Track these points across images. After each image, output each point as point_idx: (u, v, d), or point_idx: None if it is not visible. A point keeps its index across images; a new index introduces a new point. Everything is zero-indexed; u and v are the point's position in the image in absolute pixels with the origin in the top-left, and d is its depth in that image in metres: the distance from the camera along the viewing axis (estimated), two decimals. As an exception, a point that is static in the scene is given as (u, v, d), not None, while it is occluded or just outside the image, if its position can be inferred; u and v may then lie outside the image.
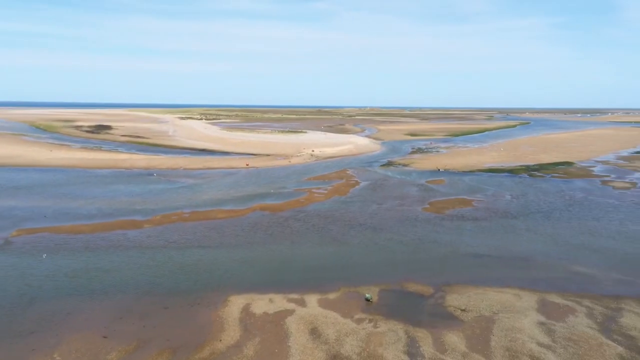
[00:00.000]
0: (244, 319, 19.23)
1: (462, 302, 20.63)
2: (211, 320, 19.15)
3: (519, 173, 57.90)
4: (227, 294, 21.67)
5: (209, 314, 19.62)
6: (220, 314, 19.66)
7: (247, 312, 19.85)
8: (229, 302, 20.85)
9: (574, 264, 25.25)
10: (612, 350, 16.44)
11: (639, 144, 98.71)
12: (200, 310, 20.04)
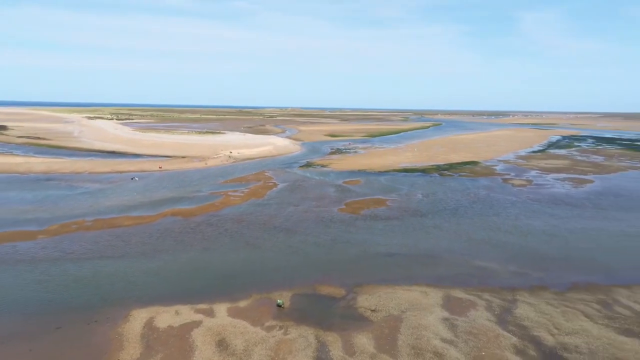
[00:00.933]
0: (147, 334, 17.98)
1: (373, 302, 20.91)
2: (109, 338, 17.69)
3: (431, 172, 60.57)
4: (129, 308, 20.19)
5: (107, 332, 18.11)
6: (120, 331, 18.23)
7: (151, 326, 18.60)
8: (131, 317, 19.43)
9: (476, 259, 26.67)
10: (507, 341, 17.41)
11: (535, 144, 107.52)
12: (97, 328, 18.45)
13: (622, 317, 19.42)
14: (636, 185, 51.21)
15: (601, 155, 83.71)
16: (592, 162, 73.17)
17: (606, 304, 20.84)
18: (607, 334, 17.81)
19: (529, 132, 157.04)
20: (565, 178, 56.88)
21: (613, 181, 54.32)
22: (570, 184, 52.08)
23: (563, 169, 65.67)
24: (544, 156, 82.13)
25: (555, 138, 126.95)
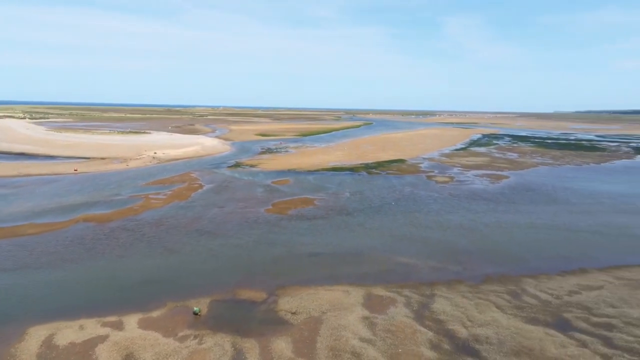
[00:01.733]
0: (44, 353, 16.36)
1: (294, 304, 20.50)
2: (-2, 361, 15.91)
3: (359, 171, 61.39)
4: (25, 325, 18.33)
5: (-4, 354, 16.29)
6: (13, 352, 16.45)
7: (49, 344, 16.96)
8: (27, 335, 17.62)
9: (398, 255, 27.12)
10: (424, 336, 17.68)
11: (458, 142, 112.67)
12: (-15, 350, 16.54)
13: (529, 306, 20.42)
14: (545, 180, 54.89)
15: (516, 153, 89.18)
16: (508, 159, 77.73)
17: (515, 294, 21.85)
18: (515, 324, 18.62)
19: (453, 130, 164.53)
20: (484, 174, 59.87)
21: (526, 177, 57.90)
22: (488, 180, 54.85)
23: (482, 165, 69.18)
24: (466, 154, 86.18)
25: (477, 136, 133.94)
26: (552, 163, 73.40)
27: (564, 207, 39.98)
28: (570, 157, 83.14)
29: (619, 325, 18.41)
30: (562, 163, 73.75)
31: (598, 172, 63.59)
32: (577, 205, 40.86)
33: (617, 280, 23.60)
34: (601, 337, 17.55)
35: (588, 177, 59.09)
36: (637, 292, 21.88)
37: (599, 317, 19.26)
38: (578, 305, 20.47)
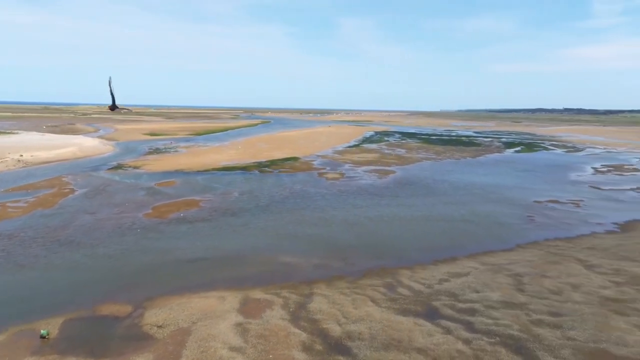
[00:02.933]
0: None
1: (161, 317, 18.87)
2: None
3: (252, 170, 60.15)
4: None
5: None
6: None
7: None
8: None
9: (281, 255, 26.51)
10: (297, 338, 17.16)
11: (352, 139, 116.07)
12: None
13: (402, 297, 20.90)
14: (427, 174, 58.18)
15: (404, 149, 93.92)
16: (396, 155, 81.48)
17: (391, 286, 22.30)
18: (388, 316, 18.86)
19: (348, 128, 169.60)
20: (373, 170, 61.93)
21: (410, 171, 60.93)
22: (376, 175, 56.75)
23: (372, 161, 71.65)
24: (358, 150, 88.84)
25: (370, 134, 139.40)
26: (435, 158, 78.30)
27: (440, 199, 42.49)
28: (451, 152, 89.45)
29: (481, 309, 19.45)
30: (443, 157, 78.98)
31: (473, 165, 69.05)
32: (452, 197, 43.68)
33: (482, 265, 25.20)
34: (464, 322, 18.37)
35: (464, 170, 63.84)
36: (498, 275, 23.48)
37: (463, 302, 20.22)
38: (446, 292, 21.39)
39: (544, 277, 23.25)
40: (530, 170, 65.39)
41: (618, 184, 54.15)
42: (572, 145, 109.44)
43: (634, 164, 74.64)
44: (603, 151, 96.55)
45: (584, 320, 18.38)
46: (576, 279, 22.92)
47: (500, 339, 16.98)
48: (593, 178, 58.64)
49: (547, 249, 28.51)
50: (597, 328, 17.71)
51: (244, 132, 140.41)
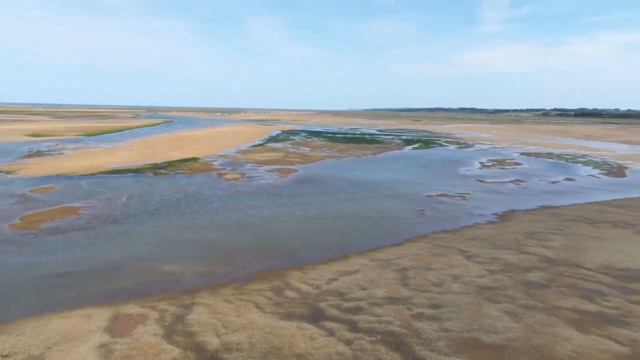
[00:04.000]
0: None
1: (10, 344, 16.32)
2: None
3: (145, 172, 56.39)
4: None
5: None
6: None
7: None
8: None
9: (164, 263, 24.62)
10: (168, 355, 15.69)
11: (257, 138, 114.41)
12: None
13: (288, 301, 20.19)
14: (328, 172, 58.61)
15: (309, 147, 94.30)
16: (300, 153, 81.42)
17: (279, 290, 21.51)
18: (271, 322, 18.01)
19: (255, 127, 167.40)
20: (275, 169, 61.09)
21: (312, 170, 60.97)
22: (278, 175, 55.96)
23: (275, 160, 70.80)
24: (262, 150, 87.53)
25: (276, 133, 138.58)
26: (338, 156, 79.42)
27: (338, 196, 42.76)
28: (353, 149, 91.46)
29: (365, 307, 19.33)
30: (346, 155, 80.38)
31: (373, 163, 71.00)
32: (350, 194, 44.19)
33: (372, 262, 25.35)
34: (348, 322, 18.08)
35: (364, 167, 65.34)
36: (385, 271, 23.69)
37: (350, 301, 20.00)
38: (334, 292, 21.06)
39: (428, 270, 23.91)
40: (425, 165, 68.72)
41: (500, 177, 58.64)
42: (463, 142, 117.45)
43: (514, 158, 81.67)
44: (490, 147, 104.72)
45: (461, 310, 18.97)
46: (457, 270, 23.84)
47: (381, 337, 16.89)
48: (479, 172, 62.98)
49: (434, 241, 29.57)
50: (471, 317, 18.34)
51: (144, 132, 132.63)
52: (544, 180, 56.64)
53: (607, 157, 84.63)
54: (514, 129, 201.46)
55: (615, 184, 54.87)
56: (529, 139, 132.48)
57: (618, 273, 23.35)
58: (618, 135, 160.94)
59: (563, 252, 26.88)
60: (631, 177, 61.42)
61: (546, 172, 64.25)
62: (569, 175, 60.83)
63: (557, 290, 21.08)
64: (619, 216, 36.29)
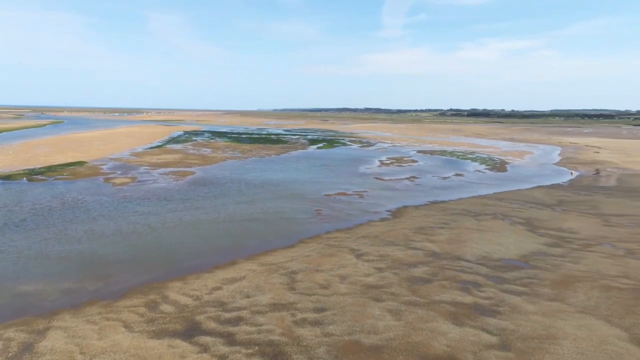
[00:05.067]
0: None
1: None
2: None
3: (18, 179, 50.36)
4: None
5: None
6: None
7: None
8: None
9: (19, 283, 21.51)
10: (4, 395, 13.30)
11: (156, 139, 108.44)
12: None
13: (162, 316, 18.45)
14: (227, 174, 56.67)
15: (211, 148, 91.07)
16: (200, 155, 78.20)
17: (154, 304, 19.65)
18: (138, 343, 16.21)
19: (155, 128, 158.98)
20: (171, 172, 57.79)
21: (211, 171, 58.58)
22: (173, 178, 52.92)
23: (173, 163, 67.16)
24: (160, 151, 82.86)
25: (178, 133, 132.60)
26: (240, 156, 77.47)
27: (234, 199, 41.19)
28: (257, 150, 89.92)
29: (247, 317, 18.21)
30: (248, 156, 78.66)
31: (275, 163, 70.13)
32: (247, 195, 42.82)
33: (261, 266, 24.30)
34: (225, 334, 16.84)
35: (266, 167, 64.22)
36: (274, 276, 22.77)
37: (231, 311, 18.76)
38: (215, 303, 19.68)
39: (317, 272, 23.39)
40: (327, 165, 69.28)
41: (397, 174, 60.72)
42: (366, 141, 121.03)
43: (412, 156, 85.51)
44: (390, 145, 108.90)
45: (344, 312, 18.58)
46: (345, 270, 23.59)
47: (259, 348, 15.87)
48: (378, 170, 64.80)
49: (326, 241, 29.26)
50: (354, 319, 17.99)
51: (26, 133, 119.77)
52: (436, 176, 59.58)
53: (492, 154, 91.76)
54: (414, 128, 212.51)
55: (498, 178, 59.32)
56: (427, 138, 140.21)
57: (494, 263, 24.60)
58: (502, 133, 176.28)
59: (447, 245, 27.89)
60: (511, 171, 66.93)
61: (439, 168, 67.83)
62: (458, 171, 64.69)
63: (439, 284, 21.57)
64: (498, 208, 38.87)
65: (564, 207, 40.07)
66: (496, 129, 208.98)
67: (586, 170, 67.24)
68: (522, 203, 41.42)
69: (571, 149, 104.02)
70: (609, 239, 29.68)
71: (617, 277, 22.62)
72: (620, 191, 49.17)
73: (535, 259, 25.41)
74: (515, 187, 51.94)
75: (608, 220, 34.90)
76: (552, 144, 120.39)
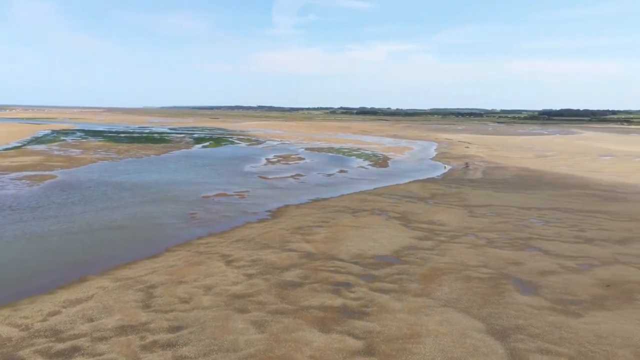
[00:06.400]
0: None
1: None
2: None
3: None
4: None
5: None
6: None
7: None
8: None
9: None
10: None
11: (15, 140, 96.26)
12: None
13: (-28, 356, 14.95)
14: (95, 177, 51.30)
15: (81, 149, 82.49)
16: (67, 156, 70.20)
17: (-35, 341, 15.95)
18: None
19: (16, 127, 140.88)
20: (26, 176, 50.66)
21: (76, 175, 52.54)
22: (27, 183, 46.29)
23: (30, 166, 59.12)
24: (18, 153, 72.94)
25: (44, 132, 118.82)
26: (115, 157, 71.01)
27: (96, 205, 36.87)
28: (136, 150, 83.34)
29: (85, 346, 15.52)
30: (125, 157, 72.42)
31: (153, 163, 65.31)
32: (112, 201, 38.65)
33: (115, 282, 21.40)
34: (52, 372, 13.99)
35: (141, 168, 59.38)
36: (127, 293, 20.10)
37: (65, 341, 15.90)
38: (48, 331, 16.60)
39: (180, 284, 21.16)
40: (211, 164, 66.14)
41: (282, 172, 59.79)
42: (255, 139, 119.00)
43: (299, 153, 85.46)
44: (279, 143, 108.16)
45: (203, 329, 16.71)
46: (212, 280, 21.66)
47: (92, 385, 13.39)
48: (264, 168, 63.34)
49: (197, 248, 27.00)
50: (213, 336, 16.21)
51: None
52: (321, 173, 59.73)
53: (376, 150, 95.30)
54: (305, 125, 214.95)
55: (379, 174, 61.22)
56: (316, 135, 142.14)
57: (367, 261, 24.38)
58: (387, 130, 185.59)
59: (323, 245, 27.24)
60: (392, 166, 69.72)
61: (325, 165, 68.31)
62: (343, 168, 65.68)
63: (310, 288, 20.63)
64: (377, 204, 39.54)
65: (436, 200, 42.06)
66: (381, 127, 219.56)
67: (457, 164, 72.42)
68: (399, 197, 42.72)
69: (446, 145, 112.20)
70: (472, 229, 31.38)
71: (478, 266, 23.62)
72: (485, 183, 53.32)
73: (407, 253, 25.74)
74: (395, 182, 53.82)
75: (473, 211, 37.17)
76: (429, 140, 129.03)
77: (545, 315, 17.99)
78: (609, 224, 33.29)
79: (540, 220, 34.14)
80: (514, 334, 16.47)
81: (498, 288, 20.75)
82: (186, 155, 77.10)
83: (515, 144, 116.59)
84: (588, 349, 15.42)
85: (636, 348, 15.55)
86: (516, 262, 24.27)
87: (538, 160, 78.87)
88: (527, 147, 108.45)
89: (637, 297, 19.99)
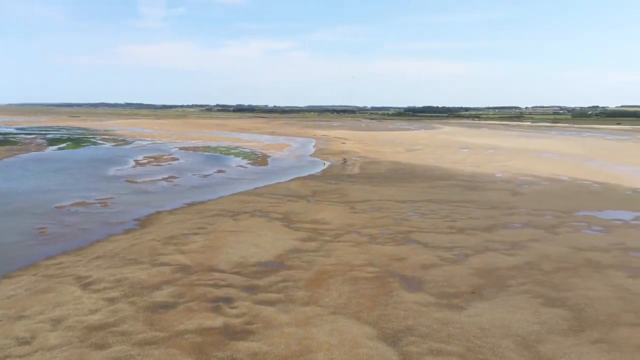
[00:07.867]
0: None
1: None
2: None
3: None
4: None
5: None
6: None
7: None
8: None
9: None
10: None
11: None
12: None
13: None
14: None
15: None
16: None
17: None
18: None
19: None
20: None
21: None
22: None
23: None
24: None
25: None
26: (-60, 164, 58.93)
27: None
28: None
29: None
30: (-46, 162, 60.54)
31: (-8, 170, 55.49)
32: None
33: None
34: None
35: (-24, 176, 49.91)
36: (-59, 340, 15.55)
37: None
38: None
39: (20, 320, 17.14)
40: (67, 169, 58.25)
41: (153, 174, 54.81)
42: (122, 139, 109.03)
43: (173, 153, 79.89)
44: (150, 143, 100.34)
45: (48, 379, 13.40)
46: (63, 310, 17.97)
47: None
48: (132, 171, 57.55)
49: (45, 271, 22.58)
50: (60, 386, 13.04)
51: None
52: (197, 174, 56.07)
53: (255, 148, 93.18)
54: (178, 123, 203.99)
55: (259, 173, 59.43)
56: (191, 133, 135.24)
57: (249, 270, 22.50)
58: (265, 127, 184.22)
59: (200, 255, 24.69)
60: (272, 164, 68.39)
61: (201, 165, 64.50)
62: (221, 168, 62.56)
63: (185, 308, 18.13)
64: (257, 205, 37.71)
65: (317, 197, 41.59)
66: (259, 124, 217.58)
67: (336, 160, 73.63)
68: (280, 197, 41.42)
69: (323, 141, 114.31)
70: (355, 226, 31.22)
71: (364, 265, 23.16)
72: (362, 178, 54.56)
73: (292, 257, 24.41)
74: (275, 180, 52.46)
75: (354, 207, 37.30)
76: (308, 137, 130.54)
77: (432, 312, 17.90)
78: (475, 212, 35.68)
79: (417, 213, 35.37)
80: (405, 336, 15.96)
81: (385, 287, 20.36)
82: (37, 159, 67.25)
83: (387, 139, 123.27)
84: (475, 344, 15.46)
85: (516, 337, 16.01)
86: (399, 258, 24.34)
87: (408, 154, 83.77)
88: (397, 142, 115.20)
89: (509, 283, 21.07)
